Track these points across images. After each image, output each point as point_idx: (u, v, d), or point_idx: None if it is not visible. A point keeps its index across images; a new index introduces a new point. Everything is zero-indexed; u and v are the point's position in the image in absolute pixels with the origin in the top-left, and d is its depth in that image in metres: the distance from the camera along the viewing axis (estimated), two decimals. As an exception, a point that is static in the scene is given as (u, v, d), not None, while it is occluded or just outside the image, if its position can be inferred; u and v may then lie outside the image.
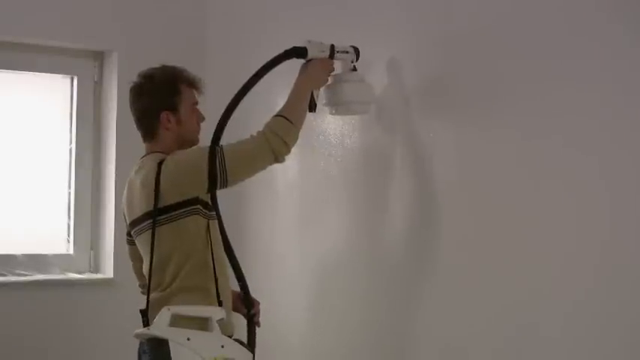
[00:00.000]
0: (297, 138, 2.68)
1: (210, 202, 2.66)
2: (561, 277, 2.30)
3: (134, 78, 2.73)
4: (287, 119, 2.65)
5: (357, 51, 2.87)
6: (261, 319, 2.87)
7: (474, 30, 2.59)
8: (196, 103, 2.79)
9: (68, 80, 4.01)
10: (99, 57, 4.03)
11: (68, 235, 3.98)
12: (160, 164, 2.60)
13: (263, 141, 2.61)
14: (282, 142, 2.62)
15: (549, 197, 2.34)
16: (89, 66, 4.02)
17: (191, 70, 4.04)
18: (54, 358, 3.77)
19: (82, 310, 3.82)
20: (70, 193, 3.98)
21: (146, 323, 2.60)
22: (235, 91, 2.78)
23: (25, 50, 3.86)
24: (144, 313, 2.62)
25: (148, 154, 2.74)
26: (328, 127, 3.24)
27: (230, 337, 2.67)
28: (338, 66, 2.87)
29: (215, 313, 2.58)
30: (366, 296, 3.04)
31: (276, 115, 2.67)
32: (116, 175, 3.87)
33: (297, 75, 2.80)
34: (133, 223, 2.71)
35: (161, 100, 2.71)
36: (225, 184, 2.61)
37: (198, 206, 2.60)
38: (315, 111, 2.83)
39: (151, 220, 2.60)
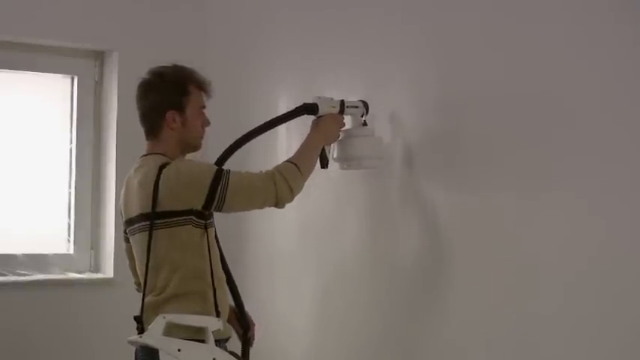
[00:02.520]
0: (302, 188, 2.67)
1: (205, 212, 2.62)
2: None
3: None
4: (297, 168, 2.64)
5: (366, 105, 2.88)
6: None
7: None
8: (204, 107, 2.76)
9: (68, 80, 4.01)
10: (99, 57, 4.03)
11: (68, 235, 3.98)
12: (161, 168, 2.58)
13: (270, 180, 2.60)
14: (288, 188, 2.61)
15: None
16: (89, 66, 4.02)
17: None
18: (54, 358, 3.77)
19: (82, 310, 3.82)
20: (70, 193, 3.98)
21: (140, 330, 2.58)
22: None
23: (25, 50, 3.86)
24: (138, 320, 2.59)
25: (149, 153, 2.71)
26: (328, 127, 3.24)
27: (228, 339, 2.67)
28: (348, 120, 2.87)
29: (211, 323, 2.55)
30: (370, 299, 3.03)
31: (288, 161, 2.67)
32: (116, 175, 3.87)
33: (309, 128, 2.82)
34: (128, 222, 2.70)
35: (169, 98, 2.68)
36: (220, 208, 2.59)
37: (192, 217, 2.58)
38: (327, 167, 2.84)
39: (145, 222, 2.59)
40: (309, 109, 2.80)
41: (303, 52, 3.44)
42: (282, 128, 3.51)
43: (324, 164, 2.82)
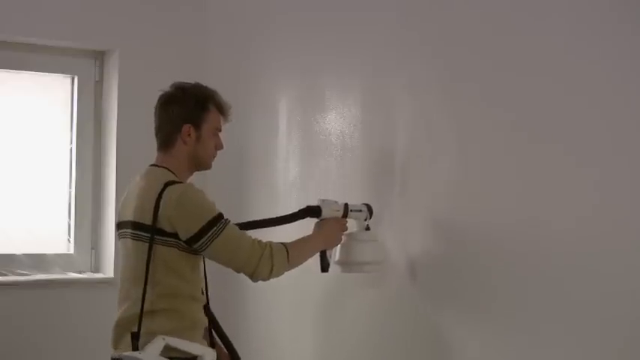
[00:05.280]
0: (280, 275, 2.65)
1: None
2: None
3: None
4: (288, 257, 2.64)
5: (370, 209, 2.87)
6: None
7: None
8: (219, 130, 2.75)
9: (68, 80, 4.01)
10: (99, 56, 4.02)
11: (69, 235, 3.98)
12: (166, 184, 2.58)
13: (259, 251, 2.59)
14: (270, 267, 2.60)
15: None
16: (89, 66, 4.02)
17: (191, 69, 4.06)
18: (54, 358, 3.77)
19: (82, 310, 3.82)
20: (70, 193, 3.98)
21: (135, 346, 2.56)
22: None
23: (25, 50, 3.86)
24: (135, 336, 2.57)
25: (158, 165, 2.70)
26: (328, 127, 3.24)
27: None
28: (352, 223, 2.86)
29: (207, 353, 2.58)
30: (370, 299, 3.03)
31: (283, 245, 2.65)
32: (117, 174, 3.88)
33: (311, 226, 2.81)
34: (119, 225, 2.72)
35: (188, 111, 2.68)
36: (201, 250, 2.57)
37: (179, 241, 2.57)
38: (327, 271, 2.83)
39: (134, 231, 2.61)
40: (312, 211, 2.80)
41: (304, 52, 3.44)
42: (282, 132, 3.51)
43: (325, 268, 2.82)
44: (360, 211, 2.85)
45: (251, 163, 3.70)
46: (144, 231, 2.58)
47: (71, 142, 3.99)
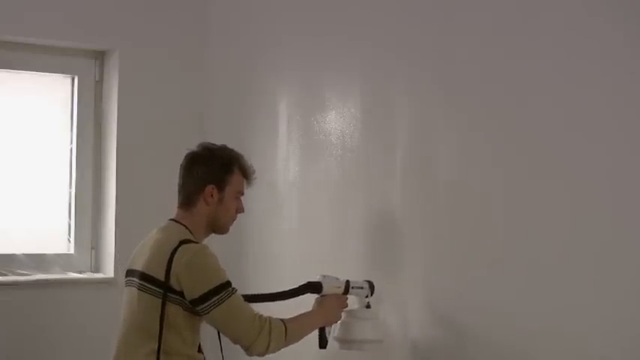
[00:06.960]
0: (277, 351, 2.65)
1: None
2: None
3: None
4: (286, 334, 2.63)
5: (371, 286, 2.85)
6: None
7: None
8: (242, 193, 2.78)
9: (69, 80, 4.01)
10: (100, 56, 4.02)
11: (69, 235, 3.98)
12: (182, 242, 2.59)
13: (258, 327, 2.59)
14: (267, 344, 2.60)
15: None
16: (90, 65, 4.01)
17: (191, 69, 4.06)
18: (53, 358, 3.77)
19: (82, 310, 3.81)
20: (70, 193, 3.98)
21: None
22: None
23: (25, 50, 3.86)
24: None
25: (177, 221, 2.71)
26: (328, 127, 3.24)
27: None
28: (353, 300, 2.85)
29: None
30: None
31: (283, 323, 2.65)
32: (117, 174, 3.88)
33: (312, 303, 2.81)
34: (129, 272, 2.73)
35: (213, 172, 2.71)
36: (202, 314, 2.58)
37: (185, 300, 2.58)
38: (325, 347, 2.81)
39: (142, 282, 2.62)
40: (313, 287, 2.79)
41: (304, 52, 3.44)
42: (282, 132, 3.51)
43: (323, 345, 2.81)
44: (362, 288, 2.84)
45: (251, 163, 3.69)
46: (152, 284, 2.60)
47: (71, 142, 3.99)
